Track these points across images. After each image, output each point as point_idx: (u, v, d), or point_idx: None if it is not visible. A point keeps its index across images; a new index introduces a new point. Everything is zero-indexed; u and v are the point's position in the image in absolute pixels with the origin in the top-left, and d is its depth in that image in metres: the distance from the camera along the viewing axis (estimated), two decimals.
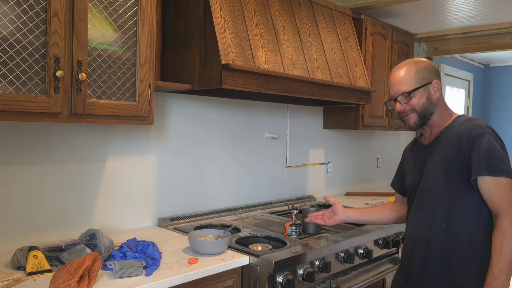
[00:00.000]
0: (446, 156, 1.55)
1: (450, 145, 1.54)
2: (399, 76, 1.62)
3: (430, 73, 1.61)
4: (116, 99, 1.67)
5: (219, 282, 1.68)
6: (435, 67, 1.65)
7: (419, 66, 1.62)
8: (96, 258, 1.45)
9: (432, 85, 1.61)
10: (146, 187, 2.20)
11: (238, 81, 1.95)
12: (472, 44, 3.99)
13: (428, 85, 1.60)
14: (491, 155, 1.44)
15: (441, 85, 1.64)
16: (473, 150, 1.46)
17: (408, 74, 1.61)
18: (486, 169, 1.43)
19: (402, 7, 3.05)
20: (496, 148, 1.45)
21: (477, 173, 1.44)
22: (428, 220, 1.59)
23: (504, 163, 1.44)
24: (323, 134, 3.32)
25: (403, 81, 1.61)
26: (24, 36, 1.40)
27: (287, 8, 2.38)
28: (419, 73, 1.60)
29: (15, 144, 1.74)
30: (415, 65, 1.62)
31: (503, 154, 1.46)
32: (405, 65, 1.64)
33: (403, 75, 1.61)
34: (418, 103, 1.59)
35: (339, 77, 2.56)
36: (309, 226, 2.19)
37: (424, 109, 1.60)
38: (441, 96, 1.64)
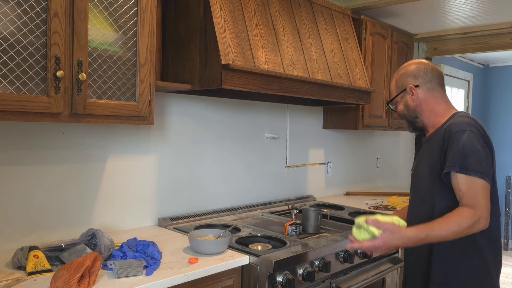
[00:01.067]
0: (432, 153, 1.58)
1: (436, 144, 1.56)
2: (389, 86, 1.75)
3: (406, 79, 1.66)
4: (117, 99, 1.67)
5: (219, 281, 1.68)
6: (415, 71, 1.65)
7: (399, 74, 1.70)
8: (97, 258, 1.45)
9: (406, 91, 1.65)
10: (147, 187, 2.21)
11: (238, 81, 1.95)
12: (471, 44, 3.99)
13: (403, 92, 1.67)
14: (466, 153, 1.42)
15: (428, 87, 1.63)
16: (450, 146, 1.46)
17: (392, 83, 1.73)
18: (459, 165, 1.42)
19: (402, 7, 3.05)
20: (475, 147, 1.43)
21: (449, 167, 1.44)
22: (416, 215, 1.64)
23: (480, 163, 1.42)
24: (323, 134, 3.32)
25: (390, 91, 1.75)
26: (24, 36, 1.41)
27: (287, 9, 2.39)
28: (398, 82, 1.69)
29: (15, 144, 1.74)
30: (397, 74, 1.71)
31: (482, 154, 1.43)
32: (394, 75, 1.74)
33: (390, 85, 1.74)
34: (399, 110, 1.71)
35: (339, 77, 2.57)
36: (309, 225, 2.19)
37: (405, 115, 1.69)
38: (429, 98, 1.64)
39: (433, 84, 1.64)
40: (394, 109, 1.72)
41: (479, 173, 1.41)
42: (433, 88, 1.64)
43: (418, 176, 1.66)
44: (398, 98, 1.68)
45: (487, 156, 1.45)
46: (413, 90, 1.64)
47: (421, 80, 1.64)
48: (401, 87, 1.67)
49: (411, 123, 1.70)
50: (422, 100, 1.64)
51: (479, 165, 1.41)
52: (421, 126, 1.69)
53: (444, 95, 1.68)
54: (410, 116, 1.68)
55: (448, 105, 1.67)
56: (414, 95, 1.64)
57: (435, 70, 1.66)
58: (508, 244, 5.59)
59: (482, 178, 1.41)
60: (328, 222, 2.45)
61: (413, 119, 1.68)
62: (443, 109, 1.64)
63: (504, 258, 5.22)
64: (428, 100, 1.64)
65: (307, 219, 2.20)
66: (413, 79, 1.65)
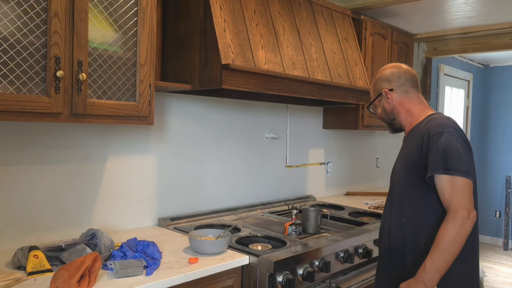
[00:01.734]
0: (408, 155, 1.62)
1: (412, 143, 1.60)
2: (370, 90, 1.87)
3: (381, 83, 1.74)
4: (117, 99, 1.67)
5: (219, 281, 1.68)
6: (389, 75, 1.73)
7: (375, 79, 1.78)
8: (97, 258, 1.45)
9: (382, 95, 1.74)
10: (147, 187, 2.21)
11: (238, 81, 1.95)
12: (471, 44, 3.99)
13: (380, 97, 1.76)
14: (447, 154, 1.46)
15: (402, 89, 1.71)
16: (431, 149, 1.50)
17: (370, 88, 1.83)
18: (442, 167, 1.45)
19: (402, 7, 3.05)
20: (455, 147, 1.47)
21: (433, 170, 1.48)
22: (391, 213, 1.67)
23: (461, 162, 1.45)
24: (323, 134, 3.32)
25: (370, 95, 1.84)
26: (24, 36, 1.41)
27: (287, 9, 2.39)
28: (374, 86, 1.78)
29: (15, 144, 1.74)
30: (374, 79, 1.80)
31: (462, 153, 1.47)
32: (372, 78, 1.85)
33: (370, 90, 1.85)
34: (379, 113, 1.80)
35: (339, 77, 2.57)
36: (309, 225, 2.19)
37: (384, 118, 1.79)
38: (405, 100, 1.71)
39: (406, 86, 1.71)
40: (374, 112, 1.82)
41: (461, 172, 1.44)
42: (407, 91, 1.71)
43: (395, 176, 1.71)
44: (376, 102, 1.78)
45: (467, 154, 1.49)
46: (388, 94, 1.72)
47: (395, 84, 1.72)
48: (378, 91, 1.76)
49: (390, 125, 1.79)
50: (397, 102, 1.72)
51: (460, 164, 1.45)
52: (399, 127, 1.77)
53: (419, 96, 1.73)
54: (388, 118, 1.77)
55: (423, 105, 1.71)
56: (389, 98, 1.72)
57: (408, 73, 1.72)
58: (508, 244, 5.59)
59: (465, 176, 1.45)
60: (328, 222, 2.45)
61: (392, 121, 1.77)
62: (419, 109, 1.70)
63: (504, 258, 5.23)
64: (403, 102, 1.71)
65: (307, 219, 2.20)
66: (387, 83, 1.73)
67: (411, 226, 1.57)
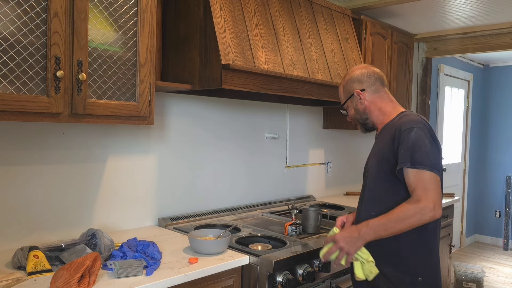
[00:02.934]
0: (380, 150, 1.66)
1: (384, 140, 1.65)
2: (338, 92, 1.86)
3: (352, 84, 1.76)
4: (117, 99, 1.67)
5: (219, 281, 1.68)
6: (359, 76, 1.75)
7: (345, 80, 1.80)
8: (97, 258, 1.45)
9: (354, 96, 1.75)
10: (147, 187, 2.21)
11: (238, 81, 1.95)
12: (471, 44, 3.99)
13: (352, 97, 1.77)
14: (415, 149, 1.50)
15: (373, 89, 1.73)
16: (401, 143, 1.54)
17: (340, 90, 1.84)
18: (410, 161, 1.50)
19: (402, 7, 3.05)
20: (423, 142, 1.51)
21: (401, 164, 1.52)
22: (363, 208, 1.70)
23: (427, 157, 1.50)
24: (323, 134, 3.32)
25: (340, 97, 1.85)
26: (24, 36, 1.41)
27: (287, 9, 2.39)
28: (345, 88, 1.80)
29: (15, 144, 1.75)
30: (343, 81, 1.81)
31: (429, 149, 1.51)
32: (341, 82, 1.84)
33: (339, 92, 1.85)
34: (351, 114, 1.81)
35: (339, 77, 2.57)
36: (309, 225, 2.19)
37: (357, 118, 1.80)
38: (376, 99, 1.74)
39: (377, 86, 1.75)
40: (346, 113, 1.83)
41: (427, 166, 1.49)
42: (378, 90, 1.75)
43: (368, 172, 1.73)
44: (348, 103, 1.79)
45: (434, 149, 1.54)
46: (360, 94, 1.74)
47: (366, 84, 1.74)
48: (349, 92, 1.77)
49: (362, 124, 1.80)
50: (370, 102, 1.74)
51: (427, 159, 1.49)
52: (372, 126, 1.79)
53: (389, 94, 1.77)
54: (361, 118, 1.78)
55: (394, 103, 1.76)
56: (362, 98, 1.74)
57: (377, 73, 1.77)
58: (508, 244, 5.59)
59: (431, 170, 1.49)
60: (328, 222, 2.45)
61: (364, 121, 1.78)
62: (390, 108, 1.74)
63: (504, 258, 5.23)
64: (375, 101, 1.74)
65: (307, 219, 2.20)
66: (358, 84, 1.75)
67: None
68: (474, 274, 4.00)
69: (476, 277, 3.98)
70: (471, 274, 4.00)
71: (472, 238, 5.87)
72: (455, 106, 5.26)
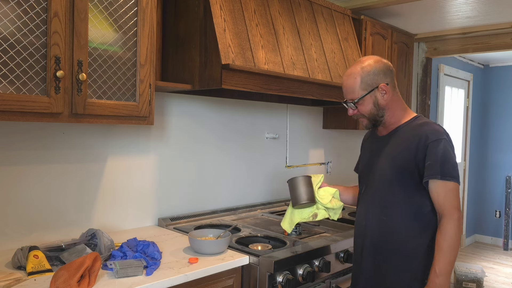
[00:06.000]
0: (398, 153, 1.60)
1: (405, 144, 1.59)
2: (347, 84, 1.64)
3: (376, 77, 1.60)
4: (117, 99, 1.67)
5: (219, 281, 1.68)
6: (383, 68, 1.61)
7: (365, 71, 1.60)
8: (97, 258, 1.45)
9: (378, 89, 1.60)
10: (147, 187, 2.21)
11: (238, 81, 1.95)
12: (471, 44, 3.99)
13: (374, 90, 1.60)
14: (445, 161, 1.50)
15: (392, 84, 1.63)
16: (429, 154, 1.51)
17: (354, 82, 1.61)
18: (439, 173, 1.49)
19: (402, 7, 3.05)
20: (450, 154, 1.52)
21: (430, 176, 1.51)
22: (370, 213, 1.67)
23: (454, 169, 1.52)
24: (323, 134, 3.32)
25: (350, 90, 1.63)
26: (24, 37, 1.41)
27: (287, 9, 2.39)
28: (364, 80, 1.60)
29: (15, 144, 1.75)
30: (361, 71, 1.60)
31: (454, 161, 1.53)
32: (352, 71, 1.63)
33: (350, 83, 1.62)
34: (365, 110, 1.63)
35: (339, 77, 2.57)
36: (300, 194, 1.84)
37: (371, 114, 1.63)
38: (394, 96, 1.64)
39: (395, 81, 1.66)
40: (353, 107, 1.64)
41: (454, 178, 1.51)
42: (395, 86, 1.66)
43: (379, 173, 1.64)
44: (367, 97, 1.60)
45: (456, 161, 1.55)
46: (386, 89, 1.60)
47: (390, 78, 1.62)
48: (371, 85, 1.59)
49: (375, 121, 1.66)
50: (391, 98, 1.63)
51: (454, 171, 1.52)
52: (378, 125, 1.68)
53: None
54: (377, 114, 1.63)
55: (404, 104, 1.70)
56: (387, 93, 1.61)
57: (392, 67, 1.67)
58: (508, 244, 5.59)
59: (457, 181, 1.52)
60: (328, 222, 2.45)
61: (379, 118, 1.64)
62: (403, 107, 1.68)
63: (504, 258, 5.23)
64: (394, 98, 1.64)
65: (295, 188, 1.86)
66: (384, 76, 1.60)
67: (390, 223, 1.59)
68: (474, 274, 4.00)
69: (476, 277, 3.98)
70: (471, 274, 4.00)
71: (472, 238, 5.87)
72: (455, 106, 5.26)
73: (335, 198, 1.87)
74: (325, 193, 1.87)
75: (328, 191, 1.87)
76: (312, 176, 1.90)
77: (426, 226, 1.56)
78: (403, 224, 1.57)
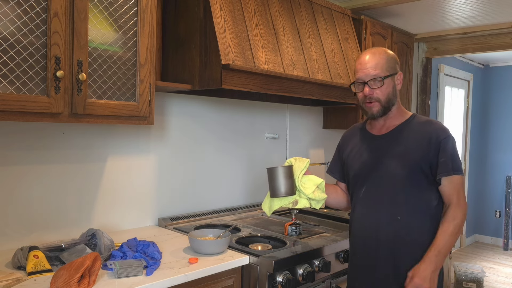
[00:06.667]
0: (408, 151, 1.60)
1: (415, 142, 1.61)
2: (372, 61, 1.61)
3: (396, 64, 1.66)
4: (117, 99, 1.67)
5: (219, 281, 1.68)
6: (396, 59, 1.69)
7: (389, 55, 1.64)
8: (97, 258, 1.45)
9: (397, 76, 1.65)
10: (147, 187, 2.21)
11: (238, 81, 1.95)
12: (471, 44, 3.99)
13: (395, 75, 1.64)
14: (454, 157, 1.58)
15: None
16: (441, 152, 1.56)
17: (381, 59, 1.61)
18: (451, 169, 1.55)
19: (402, 7, 3.05)
20: (456, 149, 1.61)
21: (444, 172, 1.56)
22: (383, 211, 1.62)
23: (460, 163, 1.60)
24: (323, 134, 3.33)
25: (376, 66, 1.60)
26: (24, 36, 1.41)
27: (287, 9, 2.39)
28: (389, 62, 1.62)
29: (15, 144, 1.75)
30: (385, 53, 1.64)
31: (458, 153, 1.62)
32: (376, 51, 1.65)
33: (376, 60, 1.61)
34: (384, 92, 1.61)
35: (339, 77, 2.57)
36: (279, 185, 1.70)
37: (387, 99, 1.62)
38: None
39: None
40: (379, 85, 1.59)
41: (461, 171, 1.58)
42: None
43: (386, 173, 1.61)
44: (389, 79, 1.61)
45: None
46: (400, 79, 1.67)
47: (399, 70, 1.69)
48: (394, 69, 1.64)
49: (385, 108, 1.63)
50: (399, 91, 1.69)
51: (460, 165, 1.59)
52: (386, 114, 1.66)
53: None
54: (391, 101, 1.64)
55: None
56: (400, 83, 1.67)
57: None
58: (508, 244, 5.59)
59: (462, 174, 1.60)
60: (328, 222, 2.45)
61: (391, 106, 1.65)
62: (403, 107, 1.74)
63: (504, 258, 5.23)
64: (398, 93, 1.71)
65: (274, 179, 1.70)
66: (398, 66, 1.67)
67: (405, 222, 1.59)
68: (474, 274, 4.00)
69: (476, 277, 3.98)
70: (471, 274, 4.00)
71: (472, 238, 5.87)
72: (455, 106, 5.26)
73: (319, 189, 1.76)
74: (309, 182, 1.75)
75: (312, 181, 1.75)
76: (296, 161, 1.76)
77: (434, 219, 1.59)
78: (416, 221, 1.59)
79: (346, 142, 1.84)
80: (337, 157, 1.90)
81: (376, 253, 1.64)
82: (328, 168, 1.95)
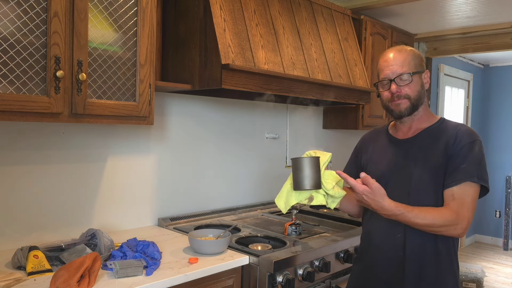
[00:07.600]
0: (434, 157, 1.48)
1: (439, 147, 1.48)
2: (400, 57, 1.53)
3: (422, 61, 1.57)
4: (117, 99, 1.67)
5: (219, 281, 1.68)
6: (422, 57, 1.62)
7: (415, 52, 1.56)
8: (97, 258, 1.45)
9: (425, 74, 1.56)
10: (146, 187, 2.21)
11: (238, 81, 1.95)
12: (471, 44, 3.99)
13: (422, 73, 1.55)
14: (481, 163, 1.43)
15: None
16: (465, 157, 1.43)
17: (407, 56, 1.53)
18: (476, 175, 1.41)
19: (402, 7, 3.05)
20: (484, 156, 1.46)
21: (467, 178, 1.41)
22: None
23: (486, 172, 1.44)
24: (323, 134, 3.32)
25: (403, 63, 1.52)
26: (24, 36, 1.41)
27: (287, 9, 2.39)
28: (416, 59, 1.54)
29: (15, 144, 1.74)
30: (411, 50, 1.56)
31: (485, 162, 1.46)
32: (402, 48, 1.57)
33: (404, 57, 1.53)
34: (414, 89, 1.51)
35: (339, 77, 2.57)
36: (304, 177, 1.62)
37: (417, 97, 1.52)
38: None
39: None
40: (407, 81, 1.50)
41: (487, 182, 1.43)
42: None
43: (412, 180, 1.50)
44: (417, 75, 1.52)
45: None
46: (427, 78, 1.57)
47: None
48: (421, 67, 1.54)
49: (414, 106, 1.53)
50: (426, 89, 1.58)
51: (486, 175, 1.44)
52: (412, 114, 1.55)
53: None
54: (419, 100, 1.54)
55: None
56: (427, 82, 1.57)
57: None
58: (508, 244, 5.59)
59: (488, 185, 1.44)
60: (328, 222, 2.45)
61: (419, 105, 1.54)
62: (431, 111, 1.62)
63: (504, 258, 5.23)
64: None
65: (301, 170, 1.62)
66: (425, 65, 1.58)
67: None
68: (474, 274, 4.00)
69: (476, 277, 3.98)
70: (471, 274, 4.00)
71: (472, 238, 5.87)
72: (455, 106, 5.26)
73: (338, 186, 1.64)
74: (331, 176, 1.64)
75: (334, 176, 1.63)
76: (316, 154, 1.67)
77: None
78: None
79: (366, 146, 1.74)
80: (353, 161, 1.79)
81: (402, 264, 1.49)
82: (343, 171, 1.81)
